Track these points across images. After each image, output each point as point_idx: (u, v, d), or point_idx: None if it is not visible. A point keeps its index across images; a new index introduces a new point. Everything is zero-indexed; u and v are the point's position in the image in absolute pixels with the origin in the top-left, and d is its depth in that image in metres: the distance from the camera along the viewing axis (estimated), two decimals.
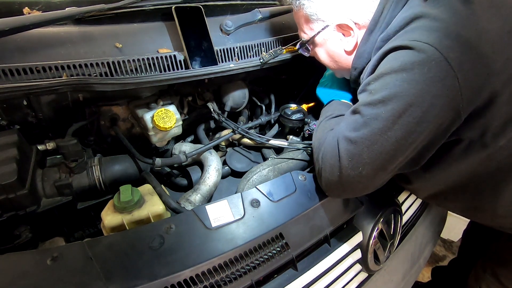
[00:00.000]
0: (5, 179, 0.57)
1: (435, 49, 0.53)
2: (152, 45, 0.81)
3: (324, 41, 0.80)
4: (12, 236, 0.62)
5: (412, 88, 0.54)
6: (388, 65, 0.58)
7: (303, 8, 0.76)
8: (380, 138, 0.57)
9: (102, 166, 0.77)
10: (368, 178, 0.62)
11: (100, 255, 0.50)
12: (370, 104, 0.59)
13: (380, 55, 0.62)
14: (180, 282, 0.50)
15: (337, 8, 0.73)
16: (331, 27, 0.76)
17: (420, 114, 0.55)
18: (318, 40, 0.81)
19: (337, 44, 0.80)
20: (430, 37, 0.54)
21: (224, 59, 0.89)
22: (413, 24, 0.59)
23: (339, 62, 0.84)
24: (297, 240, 0.65)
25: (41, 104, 0.72)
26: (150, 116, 0.82)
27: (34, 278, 0.46)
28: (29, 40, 0.67)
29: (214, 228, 0.58)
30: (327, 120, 0.80)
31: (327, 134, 0.71)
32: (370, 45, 0.72)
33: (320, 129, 0.78)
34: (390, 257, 0.88)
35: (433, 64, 0.53)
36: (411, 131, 0.56)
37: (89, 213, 0.76)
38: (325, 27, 0.77)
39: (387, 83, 0.57)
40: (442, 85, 0.53)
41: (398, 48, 0.58)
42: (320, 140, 0.73)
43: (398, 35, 0.62)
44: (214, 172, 0.87)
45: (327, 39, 0.79)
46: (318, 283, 0.70)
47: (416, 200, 1.05)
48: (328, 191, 0.70)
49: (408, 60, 0.55)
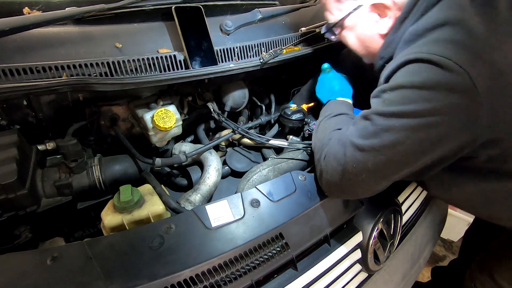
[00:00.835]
0: (5, 179, 0.57)
1: (465, 72, 0.48)
2: (152, 45, 0.81)
3: (355, 23, 0.73)
4: (12, 236, 0.62)
5: (432, 109, 0.50)
6: (409, 78, 0.53)
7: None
8: (389, 151, 0.56)
9: (102, 166, 0.77)
10: (369, 184, 0.61)
11: (100, 255, 0.50)
12: (384, 115, 0.56)
13: (403, 61, 0.56)
14: (180, 282, 0.50)
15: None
16: (365, 7, 0.69)
17: (435, 135, 0.53)
18: (348, 22, 0.73)
19: (370, 26, 0.71)
20: (462, 56, 0.49)
21: (224, 59, 0.89)
22: (446, 30, 0.53)
23: (371, 48, 0.75)
24: (297, 240, 0.65)
25: (41, 104, 0.72)
26: (150, 116, 0.82)
27: (34, 278, 0.46)
28: (29, 40, 0.67)
29: (214, 228, 0.58)
30: (327, 120, 0.78)
31: (330, 134, 0.69)
32: (399, 35, 0.66)
33: (320, 129, 0.77)
34: (390, 257, 0.88)
35: (460, 89, 0.49)
36: (423, 150, 0.55)
37: (89, 213, 0.76)
38: (357, 7, 0.69)
39: (405, 97, 0.53)
40: (466, 113, 0.50)
41: (423, 61, 0.52)
42: (322, 141, 0.70)
43: (427, 39, 0.55)
44: (214, 172, 0.87)
45: (359, 21, 0.72)
46: (318, 283, 0.70)
47: (416, 200, 1.05)
48: (328, 192, 0.69)
49: (433, 77, 0.50)
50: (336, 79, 0.94)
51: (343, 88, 0.92)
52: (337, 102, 0.86)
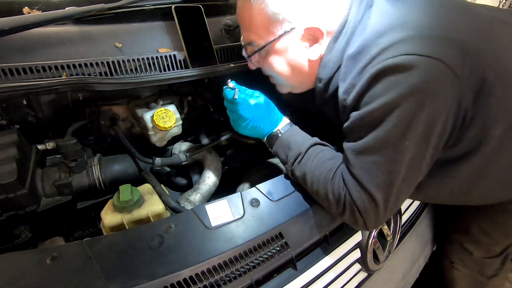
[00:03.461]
0: (5, 179, 0.57)
1: (437, 60, 0.51)
2: (152, 45, 0.81)
3: (286, 48, 0.67)
4: (12, 236, 0.62)
5: (428, 109, 0.52)
6: (394, 94, 0.52)
7: (268, 5, 0.62)
8: (416, 167, 0.58)
9: (102, 165, 0.77)
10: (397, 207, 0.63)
11: (100, 254, 0.50)
12: (390, 142, 0.55)
13: (372, 75, 0.55)
14: (179, 282, 0.50)
15: (309, 8, 0.63)
16: (299, 30, 0.65)
17: (439, 129, 0.55)
18: (279, 46, 0.67)
19: (302, 51, 0.68)
20: (425, 47, 0.52)
21: (224, 59, 0.89)
22: (396, 34, 0.55)
23: (302, 74, 0.71)
24: (297, 240, 0.65)
25: (41, 104, 0.72)
26: (150, 116, 0.82)
27: (34, 278, 0.46)
28: (29, 40, 0.68)
29: (214, 227, 0.58)
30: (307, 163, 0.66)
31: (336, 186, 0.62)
32: (335, 54, 0.65)
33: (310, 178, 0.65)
34: (389, 256, 0.88)
35: (439, 77, 0.52)
36: (435, 146, 0.57)
37: (89, 213, 0.76)
38: (291, 30, 0.64)
39: (401, 115, 0.53)
40: (451, 95, 0.53)
41: (395, 70, 0.52)
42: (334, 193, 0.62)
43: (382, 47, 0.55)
44: (214, 172, 0.87)
45: (290, 45, 0.67)
46: (318, 282, 0.70)
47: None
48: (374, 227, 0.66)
49: (415, 82, 0.51)
50: (255, 98, 0.73)
51: (271, 112, 0.74)
52: (288, 136, 0.71)
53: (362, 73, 0.57)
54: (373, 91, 0.55)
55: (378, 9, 0.62)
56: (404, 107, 0.53)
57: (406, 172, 0.57)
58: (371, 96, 0.56)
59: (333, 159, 0.67)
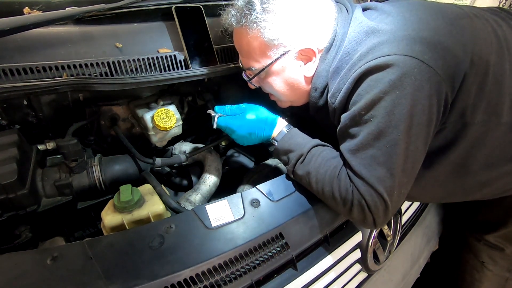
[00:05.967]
0: (5, 179, 0.57)
1: (411, 57, 0.56)
2: (152, 45, 0.81)
3: (283, 68, 0.72)
4: (12, 236, 0.63)
5: (410, 100, 0.56)
6: (377, 90, 0.57)
7: (263, 32, 0.67)
8: (412, 157, 0.60)
9: (102, 166, 0.77)
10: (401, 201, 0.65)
11: (100, 254, 0.51)
12: (382, 135, 0.58)
13: (355, 77, 0.61)
14: (180, 282, 0.50)
15: (301, 32, 0.68)
16: (293, 52, 0.70)
17: (425, 118, 0.58)
18: (276, 68, 0.72)
19: (297, 70, 0.73)
20: (399, 47, 0.57)
21: (224, 59, 0.89)
22: (373, 39, 0.61)
23: (298, 90, 0.76)
24: (297, 240, 0.65)
25: (41, 104, 0.72)
26: (150, 116, 0.82)
27: (34, 278, 0.46)
28: (29, 40, 0.68)
29: (214, 228, 0.59)
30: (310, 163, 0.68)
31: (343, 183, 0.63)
32: (327, 63, 0.71)
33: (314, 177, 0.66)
34: (389, 257, 0.88)
35: (416, 71, 0.56)
36: (425, 135, 0.60)
37: (89, 213, 0.76)
38: (285, 53, 0.69)
39: (386, 107, 0.57)
40: (429, 86, 0.57)
41: (376, 70, 0.58)
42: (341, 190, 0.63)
43: (362, 53, 0.61)
44: (214, 172, 0.87)
45: (286, 65, 0.72)
46: (318, 282, 0.70)
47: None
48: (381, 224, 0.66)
49: (394, 77, 0.56)
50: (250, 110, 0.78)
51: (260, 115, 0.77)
52: (287, 138, 0.73)
53: (346, 77, 0.64)
54: (359, 91, 0.61)
55: (355, 20, 0.69)
56: (387, 101, 0.57)
57: (403, 163, 0.59)
58: (358, 96, 0.61)
59: (337, 157, 0.68)
